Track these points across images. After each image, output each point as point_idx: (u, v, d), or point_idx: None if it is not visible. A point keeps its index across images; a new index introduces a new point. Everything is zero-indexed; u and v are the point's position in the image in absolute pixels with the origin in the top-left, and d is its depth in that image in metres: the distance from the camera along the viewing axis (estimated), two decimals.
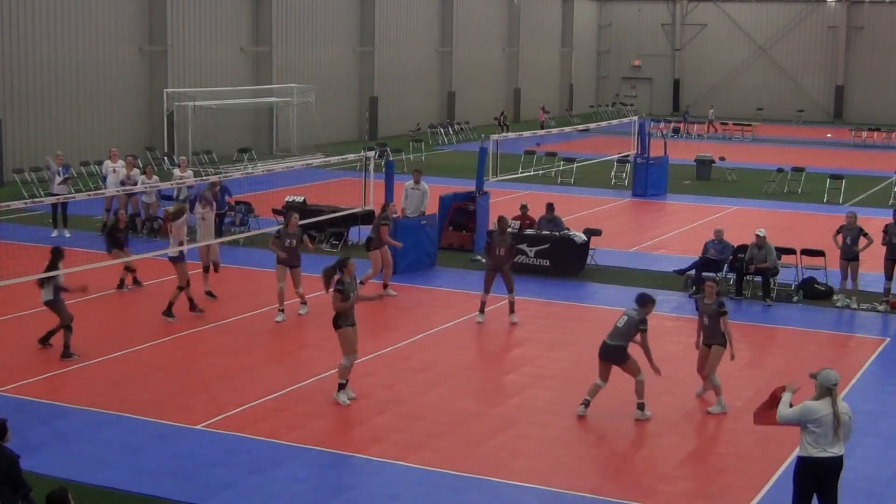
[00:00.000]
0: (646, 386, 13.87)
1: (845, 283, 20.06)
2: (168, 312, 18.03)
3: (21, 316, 18.28)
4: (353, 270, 14.37)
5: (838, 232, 20.14)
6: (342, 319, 14.20)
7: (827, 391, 9.87)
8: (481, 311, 18.50)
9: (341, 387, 14.24)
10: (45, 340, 16.24)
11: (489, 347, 17.08)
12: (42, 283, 15.96)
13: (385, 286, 19.99)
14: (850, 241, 19.81)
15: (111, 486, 11.48)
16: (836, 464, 9.94)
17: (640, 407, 13.89)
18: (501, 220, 18.79)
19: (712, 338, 14.32)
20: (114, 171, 25.81)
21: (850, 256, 19.85)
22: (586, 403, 13.94)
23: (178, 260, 18.25)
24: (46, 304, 15.96)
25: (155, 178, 25.24)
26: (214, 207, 20.18)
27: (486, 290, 18.43)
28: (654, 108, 67.29)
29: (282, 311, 18.19)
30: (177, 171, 25.69)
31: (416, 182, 23.26)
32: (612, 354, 13.87)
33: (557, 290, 20.95)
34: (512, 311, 18.47)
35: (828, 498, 10.07)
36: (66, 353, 15.80)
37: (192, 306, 18.42)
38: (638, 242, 26.12)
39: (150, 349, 16.48)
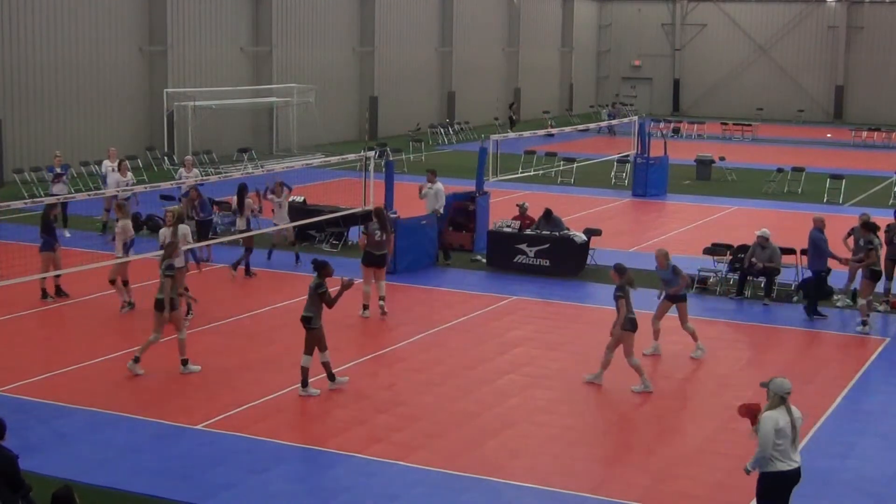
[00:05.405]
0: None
1: (850, 285, 20.00)
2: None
3: (21, 316, 18.29)
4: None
5: (849, 234, 20.08)
6: None
7: (780, 400, 9.66)
8: (365, 307, 18.45)
9: None
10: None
11: (489, 347, 17.07)
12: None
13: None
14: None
15: (111, 486, 11.48)
16: (797, 474, 9.80)
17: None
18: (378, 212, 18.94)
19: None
20: (112, 170, 25.78)
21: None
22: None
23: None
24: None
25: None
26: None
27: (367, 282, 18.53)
28: (654, 109, 67.23)
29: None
30: (182, 171, 25.66)
31: (431, 182, 23.28)
32: (304, 322, 14.63)
33: (557, 290, 20.95)
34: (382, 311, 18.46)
35: None
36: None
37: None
38: (638, 242, 26.10)
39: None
